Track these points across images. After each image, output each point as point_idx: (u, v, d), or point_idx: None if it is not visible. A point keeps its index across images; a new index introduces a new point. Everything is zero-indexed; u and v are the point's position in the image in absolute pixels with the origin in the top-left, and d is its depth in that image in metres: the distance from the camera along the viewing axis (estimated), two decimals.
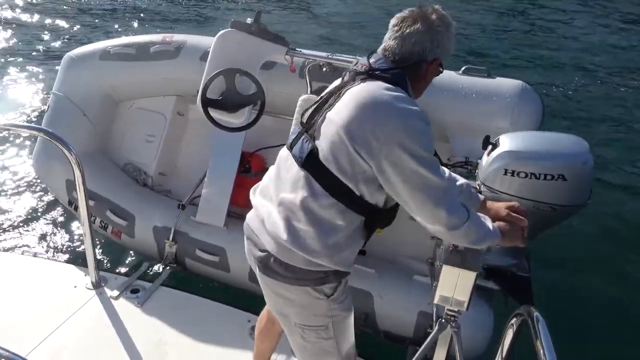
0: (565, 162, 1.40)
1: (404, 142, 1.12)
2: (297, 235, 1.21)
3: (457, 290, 1.45)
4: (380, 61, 1.23)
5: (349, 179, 1.18)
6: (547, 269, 2.81)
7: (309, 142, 1.21)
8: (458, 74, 2.24)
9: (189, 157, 2.90)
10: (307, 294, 1.27)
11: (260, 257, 1.28)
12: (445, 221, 1.17)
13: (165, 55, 2.62)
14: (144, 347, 2.02)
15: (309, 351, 1.39)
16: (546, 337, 1.14)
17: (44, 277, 2.37)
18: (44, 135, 2.14)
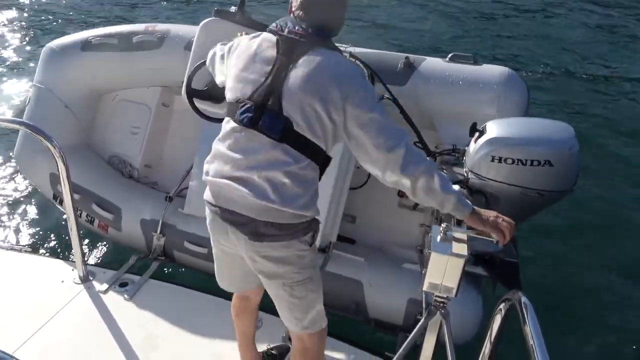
0: (551, 148, 1.41)
1: (361, 96, 1.29)
2: (286, 196, 1.30)
3: (445, 277, 1.46)
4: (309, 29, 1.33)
5: (321, 140, 1.31)
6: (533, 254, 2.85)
7: (279, 117, 1.29)
8: (445, 61, 2.24)
9: (175, 149, 2.86)
10: (294, 248, 1.37)
11: (247, 228, 1.34)
12: (403, 159, 1.27)
13: (148, 45, 2.56)
14: (134, 340, 2.00)
15: (298, 307, 1.46)
16: (534, 321, 1.14)
17: (30, 272, 2.33)
18: (25, 128, 2.09)
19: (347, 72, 1.32)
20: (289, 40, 1.33)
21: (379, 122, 1.29)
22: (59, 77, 2.62)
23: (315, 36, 1.33)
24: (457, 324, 1.81)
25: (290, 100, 1.29)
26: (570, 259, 3.08)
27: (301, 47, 1.32)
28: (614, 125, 4.98)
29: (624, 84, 5.97)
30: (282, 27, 1.35)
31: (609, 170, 4.19)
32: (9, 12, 7.79)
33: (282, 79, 1.30)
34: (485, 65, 2.20)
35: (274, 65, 1.32)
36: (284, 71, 1.31)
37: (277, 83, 1.30)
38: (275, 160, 1.30)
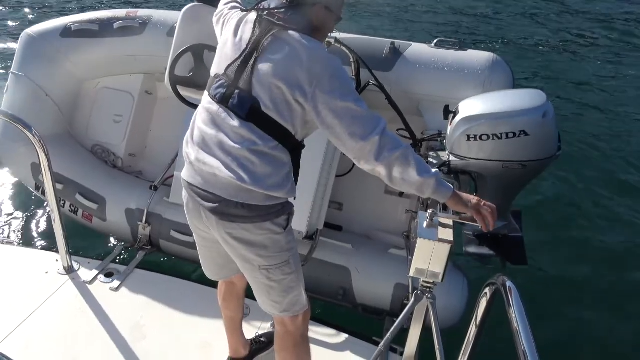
0: (524, 118, 1.38)
1: (333, 83, 1.25)
2: (256, 176, 1.28)
3: (432, 263, 1.46)
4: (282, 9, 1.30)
5: (288, 123, 1.29)
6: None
7: (248, 97, 1.28)
8: (430, 46, 2.21)
9: (159, 137, 2.80)
10: (267, 230, 1.35)
11: (217, 207, 1.32)
12: (378, 147, 1.25)
13: (130, 32, 2.49)
14: (121, 330, 1.97)
15: (275, 290, 1.44)
16: (519, 305, 1.14)
17: (13, 264, 2.28)
18: (3, 117, 2.01)
19: (319, 58, 1.28)
20: (267, 20, 1.31)
21: (353, 110, 1.26)
22: (38, 65, 2.54)
23: (294, 18, 1.30)
24: (443, 308, 1.83)
25: (260, 81, 1.28)
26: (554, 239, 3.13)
27: (278, 29, 1.30)
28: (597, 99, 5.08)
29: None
30: (266, 6, 1.33)
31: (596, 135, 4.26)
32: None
33: (255, 58, 1.29)
34: (471, 50, 2.18)
35: (249, 44, 1.31)
36: (258, 51, 1.29)
37: (250, 62, 1.29)
38: (242, 138, 1.29)
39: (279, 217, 1.36)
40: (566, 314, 2.60)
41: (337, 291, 2.15)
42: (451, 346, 1.59)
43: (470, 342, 1.41)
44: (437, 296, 1.54)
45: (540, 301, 2.50)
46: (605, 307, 2.66)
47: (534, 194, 3.37)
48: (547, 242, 3.04)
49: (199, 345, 1.93)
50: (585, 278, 2.86)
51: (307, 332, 1.59)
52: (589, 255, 3.04)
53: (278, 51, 1.28)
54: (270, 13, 1.31)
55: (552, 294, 2.68)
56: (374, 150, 1.25)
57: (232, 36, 1.37)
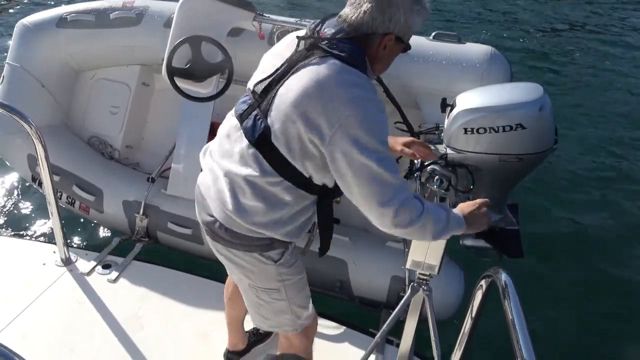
0: (520, 111, 1.37)
1: (358, 132, 1.06)
2: (241, 207, 1.19)
3: (428, 255, 1.48)
4: (339, 33, 1.13)
5: (297, 162, 1.14)
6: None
7: (262, 121, 1.15)
8: (428, 39, 2.20)
9: (156, 129, 2.79)
10: (254, 259, 1.27)
11: (208, 222, 1.27)
12: (392, 220, 1.11)
13: (126, 22, 2.46)
14: (119, 321, 1.98)
15: (264, 308, 1.40)
16: (514, 296, 1.15)
17: (11, 255, 2.27)
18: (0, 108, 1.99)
19: (352, 97, 1.07)
20: (307, 42, 1.16)
21: (374, 171, 1.07)
22: (33, 55, 2.51)
23: (346, 46, 1.12)
24: (439, 300, 1.84)
25: (277, 109, 1.12)
26: (551, 232, 3.15)
27: (314, 53, 1.13)
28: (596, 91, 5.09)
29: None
30: (314, 27, 1.18)
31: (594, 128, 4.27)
32: None
33: (280, 83, 1.14)
34: (469, 43, 2.18)
35: (282, 65, 1.17)
36: (285, 75, 1.14)
37: (275, 85, 1.15)
38: (244, 163, 1.18)
39: (268, 251, 1.25)
40: (561, 306, 2.63)
41: (334, 283, 2.16)
42: (447, 337, 1.61)
43: (466, 333, 1.43)
44: (433, 288, 1.56)
45: (536, 293, 2.52)
46: (601, 300, 2.69)
47: (531, 186, 3.38)
48: (544, 235, 3.06)
49: (196, 335, 1.94)
50: (581, 270, 2.88)
51: (311, 346, 1.56)
52: (586, 247, 3.07)
53: (308, 79, 1.09)
54: (315, 33, 1.16)
55: (547, 286, 2.71)
56: (388, 220, 1.11)
57: (275, 53, 1.24)
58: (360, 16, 1.12)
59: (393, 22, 1.13)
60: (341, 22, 1.15)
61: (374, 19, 1.12)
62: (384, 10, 1.11)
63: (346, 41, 1.12)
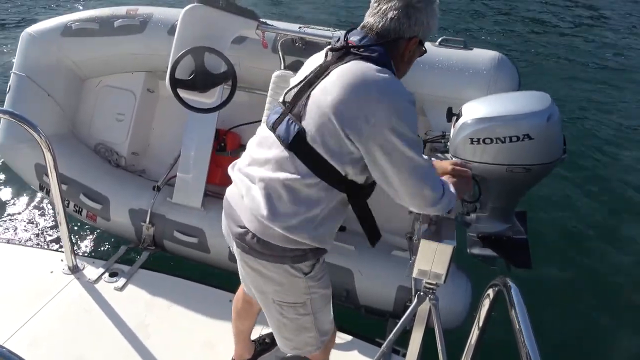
0: (527, 122, 1.37)
1: (395, 125, 1.13)
2: (276, 212, 1.21)
3: (434, 264, 1.47)
4: (365, 40, 1.22)
5: (336, 160, 1.18)
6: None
7: (295, 124, 1.20)
8: (434, 45, 2.20)
9: (161, 135, 2.83)
10: (285, 271, 1.28)
11: (239, 234, 1.28)
12: (430, 199, 1.22)
13: (130, 30, 2.51)
14: (126, 329, 2.02)
15: (287, 327, 1.41)
16: (521, 306, 1.15)
17: (19, 263, 2.32)
18: (10, 117, 2.02)
19: (388, 92, 1.14)
20: (336, 50, 1.23)
21: (414, 160, 1.16)
22: (39, 64, 2.56)
23: (376, 49, 1.19)
24: (446, 309, 1.85)
25: (312, 110, 1.18)
26: (559, 241, 3.14)
27: (343, 58, 1.20)
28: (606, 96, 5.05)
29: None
30: (340, 38, 1.26)
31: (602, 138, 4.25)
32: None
33: (315, 86, 1.20)
34: (476, 49, 2.17)
35: (312, 72, 1.24)
36: (317, 80, 1.21)
37: (307, 90, 1.22)
38: (280, 167, 1.22)
39: (299, 263, 1.28)
40: (569, 317, 2.62)
41: (341, 292, 2.17)
42: (453, 347, 1.61)
43: (473, 343, 1.43)
44: (439, 297, 1.56)
45: (543, 303, 2.53)
46: (608, 311, 2.68)
47: (539, 195, 3.38)
48: (552, 245, 3.06)
49: (202, 345, 1.97)
50: (590, 281, 2.88)
51: (328, 358, 1.59)
52: (594, 258, 3.06)
53: (341, 81, 1.16)
54: (343, 42, 1.23)
55: (555, 297, 2.70)
56: (429, 200, 1.22)
57: (304, 68, 1.31)
58: (387, 23, 1.21)
59: (418, 25, 1.22)
60: (367, 32, 1.23)
61: (401, 24, 1.21)
62: (410, 15, 1.21)
63: (374, 47, 1.20)
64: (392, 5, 1.20)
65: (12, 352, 0.93)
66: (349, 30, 1.27)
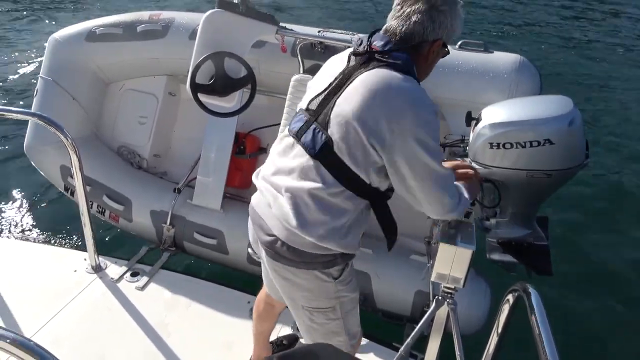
0: (549, 126, 1.35)
1: (418, 136, 1.14)
2: (305, 221, 1.22)
3: (453, 268, 1.47)
4: (388, 45, 1.21)
5: (361, 169, 1.20)
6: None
7: (322, 133, 1.21)
8: (454, 48, 2.18)
9: (183, 137, 2.89)
10: (315, 277, 1.30)
11: (268, 242, 1.30)
12: (449, 206, 1.25)
13: (153, 35, 2.57)
14: (146, 328, 2.07)
15: (317, 332, 1.43)
16: (541, 312, 1.15)
17: (44, 262, 2.40)
18: (39, 120, 2.09)
19: (411, 102, 1.15)
20: (359, 55, 1.24)
21: (436, 171, 1.19)
22: (64, 69, 2.64)
23: (400, 55, 1.20)
24: (464, 314, 1.85)
25: (337, 119, 1.19)
26: (581, 247, 3.08)
27: (366, 64, 1.21)
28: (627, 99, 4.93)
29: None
30: (362, 42, 1.26)
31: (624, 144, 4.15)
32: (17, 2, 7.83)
33: (340, 94, 1.21)
34: (497, 52, 2.15)
35: (336, 78, 1.25)
36: (341, 87, 1.22)
37: (331, 98, 1.22)
38: (305, 176, 1.23)
39: (329, 268, 1.30)
40: (591, 325, 2.57)
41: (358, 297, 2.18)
42: (472, 353, 1.61)
43: (492, 349, 1.43)
44: (458, 302, 1.56)
45: (564, 311, 2.49)
46: (633, 319, 2.62)
47: (561, 200, 3.32)
48: (574, 250, 3.00)
49: (220, 345, 2.01)
50: (613, 290, 2.81)
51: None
52: (618, 264, 2.99)
53: (366, 87, 1.17)
54: (365, 46, 1.23)
55: (576, 304, 2.65)
56: (448, 208, 1.25)
57: (323, 73, 1.32)
58: (410, 27, 1.21)
59: (442, 28, 1.23)
60: (390, 36, 1.23)
61: (425, 27, 1.21)
62: (434, 18, 1.20)
63: (398, 52, 1.20)
64: (415, 9, 1.20)
65: (39, 346, 0.97)
66: (371, 34, 1.27)
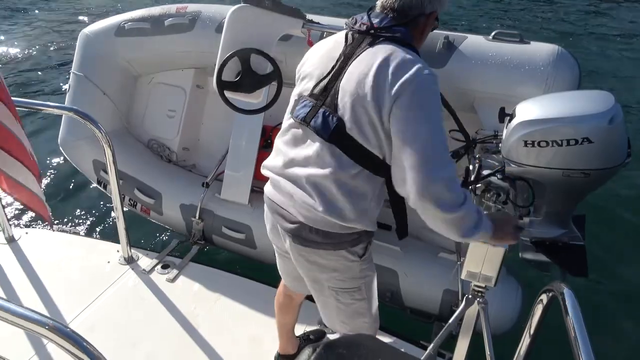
0: (587, 124, 1.29)
1: (416, 102, 1.16)
2: (332, 205, 1.26)
3: (485, 266, 1.47)
4: (385, 20, 1.25)
5: (374, 146, 1.22)
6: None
7: (333, 115, 1.23)
8: (487, 39, 2.12)
9: (211, 130, 2.95)
10: (342, 257, 1.35)
11: (293, 229, 1.34)
12: (438, 196, 1.15)
13: (180, 29, 2.61)
14: (176, 319, 2.15)
15: (343, 312, 1.48)
16: (577, 314, 1.12)
17: (79, 253, 2.52)
18: (75, 115, 2.16)
19: (409, 70, 1.17)
20: (357, 33, 1.27)
21: (427, 139, 1.15)
22: (95, 64, 2.72)
23: (398, 29, 1.24)
24: (495, 314, 1.83)
25: (343, 99, 1.22)
26: (620, 248, 2.99)
27: (366, 41, 1.25)
28: None
29: None
30: (357, 20, 1.30)
31: None
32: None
33: (344, 75, 1.24)
34: (533, 43, 2.07)
35: (337, 60, 1.27)
36: (345, 67, 1.24)
37: (336, 79, 1.25)
38: (323, 162, 1.26)
39: (355, 246, 1.34)
40: (628, 329, 2.50)
41: (385, 293, 2.19)
42: (502, 354, 1.60)
43: (523, 351, 1.42)
44: (488, 301, 1.56)
45: (600, 313, 2.42)
46: None
47: (598, 198, 3.21)
48: (612, 251, 2.91)
49: (248, 337, 2.07)
50: None
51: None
52: None
53: (362, 64, 1.21)
54: (361, 25, 1.27)
55: (613, 307, 2.58)
56: (434, 195, 1.15)
57: (320, 57, 1.33)
58: (407, 1, 1.25)
59: (436, 1, 1.28)
60: (386, 12, 1.27)
61: (422, 0, 1.26)
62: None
63: (397, 26, 1.25)
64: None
65: (75, 333, 1.03)
66: (368, 12, 1.30)
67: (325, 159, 1.25)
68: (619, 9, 7.19)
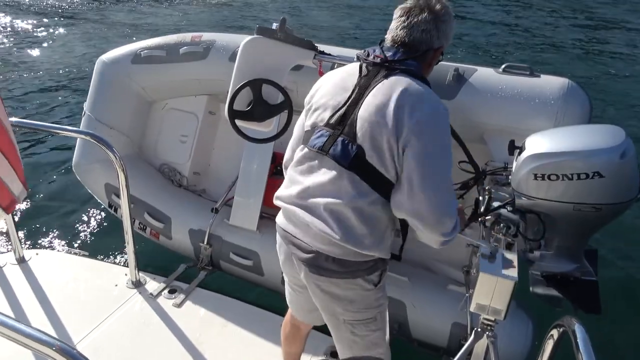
0: (597, 159, 1.31)
1: (430, 138, 1.24)
2: (350, 232, 1.29)
3: (494, 299, 1.45)
4: (398, 54, 1.33)
5: (390, 173, 1.28)
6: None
7: (352, 144, 1.28)
8: (497, 72, 2.15)
9: (222, 155, 3.00)
10: (358, 286, 1.37)
11: (308, 259, 1.35)
12: (448, 227, 1.27)
13: (194, 57, 2.68)
14: (181, 344, 2.15)
15: (358, 345, 1.47)
16: (588, 351, 1.12)
17: (87, 275, 2.54)
18: (91, 139, 2.23)
19: (428, 103, 1.26)
20: (371, 65, 1.34)
21: (441, 174, 1.25)
22: (109, 93, 2.76)
23: (409, 63, 1.32)
24: (504, 349, 1.80)
25: (363, 128, 1.27)
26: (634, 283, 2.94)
27: (381, 73, 1.31)
28: None
29: None
30: (369, 53, 1.37)
31: None
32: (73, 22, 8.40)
33: (361, 105, 1.29)
34: (544, 76, 2.09)
35: (353, 90, 1.33)
36: (361, 97, 1.30)
37: (353, 109, 1.30)
38: (341, 190, 1.29)
39: (371, 274, 1.37)
40: None
41: (392, 324, 2.15)
42: None
43: None
44: (498, 335, 1.54)
45: (612, 349, 2.36)
46: None
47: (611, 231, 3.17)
48: (625, 286, 2.86)
49: None
50: None
51: None
52: None
53: (387, 96, 1.26)
54: (376, 57, 1.33)
55: (625, 344, 2.52)
56: (445, 227, 1.26)
57: (334, 88, 1.38)
58: (418, 36, 1.33)
59: (444, 35, 1.37)
60: (397, 46, 1.35)
61: (432, 36, 1.34)
62: (439, 27, 1.35)
63: (409, 60, 1.33)
64: (422, 19, 1.32)
65: (81, 355, 1.04)
66: (380, 45, 1.38)
67: (343, 187, 1.29)
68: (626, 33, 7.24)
